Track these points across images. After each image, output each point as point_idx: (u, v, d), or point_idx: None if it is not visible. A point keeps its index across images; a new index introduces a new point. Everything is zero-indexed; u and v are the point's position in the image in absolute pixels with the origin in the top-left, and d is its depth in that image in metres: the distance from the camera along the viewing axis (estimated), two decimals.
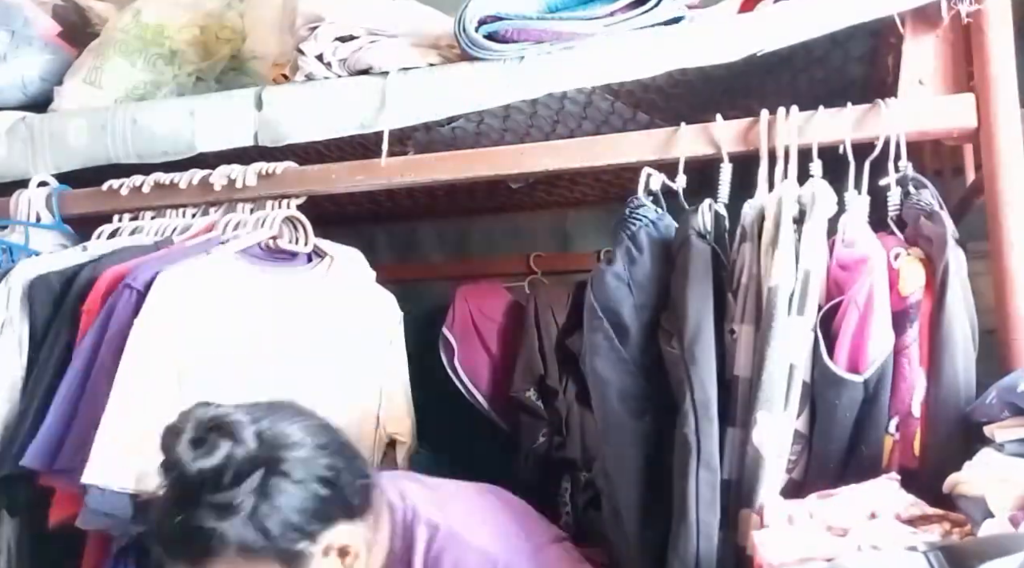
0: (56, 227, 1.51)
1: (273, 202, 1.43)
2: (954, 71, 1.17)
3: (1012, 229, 1.08)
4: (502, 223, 2.10)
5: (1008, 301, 1.07)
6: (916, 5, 1.15)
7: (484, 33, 1.28)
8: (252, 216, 1.42)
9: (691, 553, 1.02)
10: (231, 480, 0.96)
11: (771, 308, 1.04)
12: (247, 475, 0.97)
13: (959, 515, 0.90)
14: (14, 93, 1.66)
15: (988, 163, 1.11)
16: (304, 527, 1.00)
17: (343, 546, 1.03)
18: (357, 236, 2.18)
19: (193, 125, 1.45)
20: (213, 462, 0.96)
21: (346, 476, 1.04)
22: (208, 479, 0.96)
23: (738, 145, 1.20)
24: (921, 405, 1.02)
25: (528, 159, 1.31)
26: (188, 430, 0.97)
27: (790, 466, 1.05)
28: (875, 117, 1.15)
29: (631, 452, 1.12)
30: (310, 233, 1.46)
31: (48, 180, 1.53)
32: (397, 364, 1.53)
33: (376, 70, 1.38)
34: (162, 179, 1.46)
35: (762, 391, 1.02)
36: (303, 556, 1.00)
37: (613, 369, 1.13)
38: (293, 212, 1.42)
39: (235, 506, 0.96)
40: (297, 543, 0.99)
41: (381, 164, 1.35)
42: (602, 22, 1.26)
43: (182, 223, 1.45)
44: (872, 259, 1.04)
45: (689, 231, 1.12)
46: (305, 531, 1.00)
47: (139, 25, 1.64)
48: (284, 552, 0.99)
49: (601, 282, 1.16)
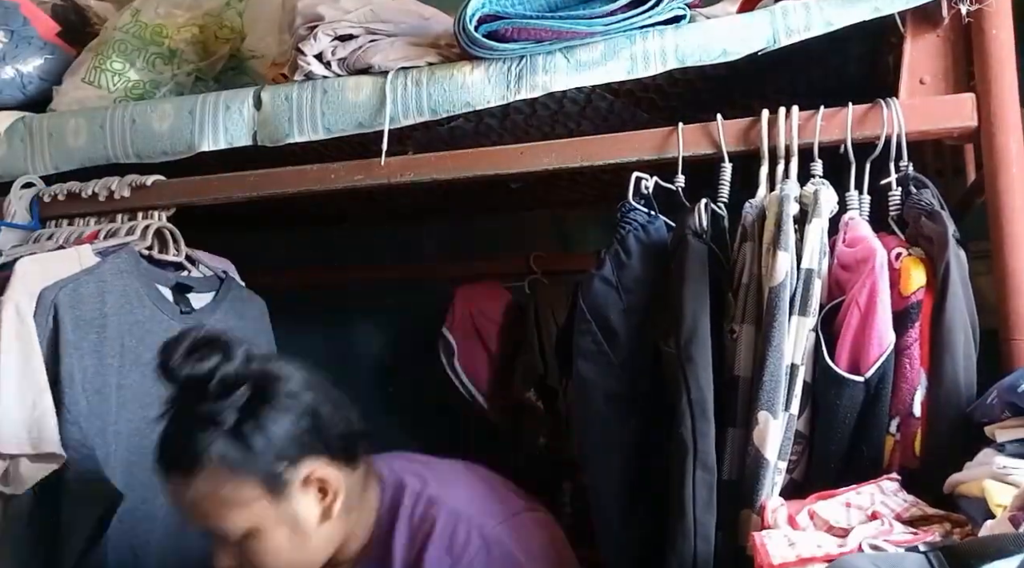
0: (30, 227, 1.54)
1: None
2: (954, 71, 1.17)
3: (1013, 229, 1.08)
4: (502, 223, 2.10)
5: (1009, 301, 1.07)
6: (916, 5, 1.15)
7: (484, 32, 1.28)
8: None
9: (689, 553, 1.02)
10: (217, 392, 1.02)
11: (772, 308, 1.04)
12: (233, 389, 1.02)
13: (960, 515, 0.90)
14: (13, 92, 1.65)
15: (989, 163, 1.11)
16: (284, 451, 1.04)
17: (323, 481, 1.06)
18: (357, 236, 2.20)
19: (192, 125, 1.45)
20: (201, 371, 1.02)
21: (332, 416, 1.09)
22: (195, 388, 1.02)
23: (738, 144, 1.20)
24: (922, 405, 1.02)
25: (528, 159, 1.30)
26: (185, 342, 1.03)
27: (791, 466, 1.05)
28: (876, 117, 1.15)
29: (615, 455, 1.12)
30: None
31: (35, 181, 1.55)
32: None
33: (376, 70, 1.38)
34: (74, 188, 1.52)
35: (763, 391, 1.02)
36: (283, 482, 1.04)
37: (600, 372, 1.14)
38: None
39: (219, 419, 1.02)
40: (277, 466, 1.03)
41: (381, 164, 1.35)
42: (602, 21, 1.26)
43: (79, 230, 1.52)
44: (874, 259, 1.04)
45: (685, 230, 1.12)
46: (285, 455, 1.04)
47: (138, 24, 1.64)
48: (264, 473, 1.03)
49: (589, 286, 1.16)
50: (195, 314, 1.53)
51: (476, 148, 1.36)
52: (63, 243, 1.49)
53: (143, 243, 1.49)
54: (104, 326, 1.39)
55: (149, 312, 1.46)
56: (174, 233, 1.54)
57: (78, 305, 1.35)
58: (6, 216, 1.52)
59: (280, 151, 1.42)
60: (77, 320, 1.35)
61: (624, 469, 1.11)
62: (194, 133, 1.44)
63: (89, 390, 1.35)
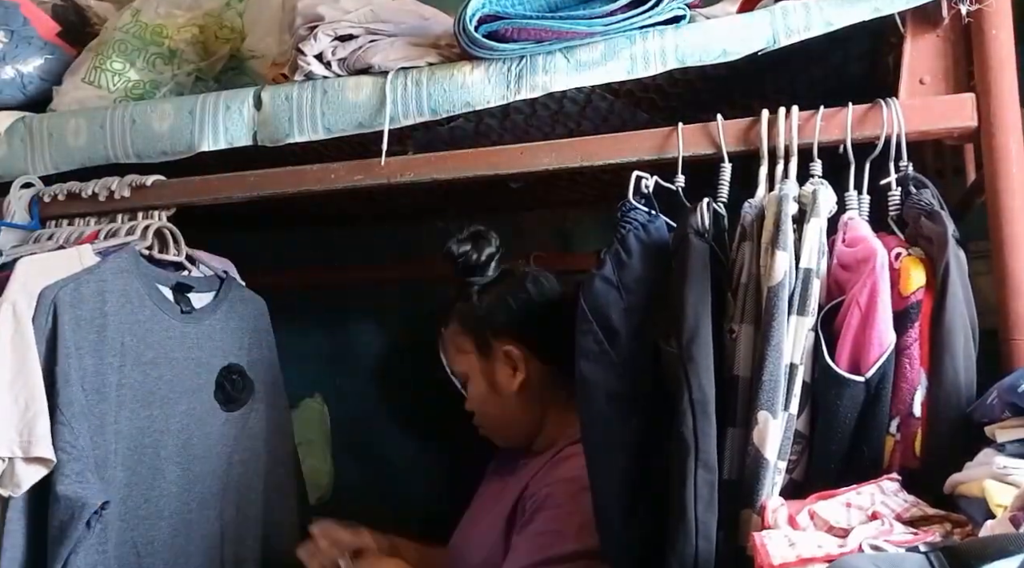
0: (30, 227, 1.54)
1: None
2: (954, 71, 1.17)
3: (1013, 229, 1.08)
4: (502, 223, 2.09)
5: (1009, 301, 1.07)
6: (916, 5, 1.15)
7: (484, 32, 1.28)
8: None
9: (690, 553, 1.02)
10: (477, 265, 1.43)
11: (771, 308, 1.04)
12: (484, 269, 1.44)
13: (960, 516, 0.90)
14: (13, 92, 1.65)
15: (988, 163, 1.11)
16: (495, 325, 1.41)
17: (516, 361, 1.40)
18: (357, 236, 2.19)
19: (192, 125, 1.45)
20: (465, 248, 1.43)
21: (547, 323, 1.40)
22: (461, 262, 1.43)
23: (738, 144, 1.20)
24: (922, 405, 1.02)
25: (528, 159, 1.31)
26: (463, 233, 1.44)
27: (791, 466, 1.05)
28: (876, 117, 1.15)
29: (616, 454, 1.12)
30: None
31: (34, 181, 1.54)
32: None
33: (376, 70, 1.38)
34: (74, 188, 1.52)
35: (762, 391, 1.01)
36: (488, 345, 1.41)
37: (601, 371, 1.13)
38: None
39: (467, 291, 1.43)
40: (487, 333, 1.41)
41: (381, 164, 1.35)
42: (602, 21, 1.26)
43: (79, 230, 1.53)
44: (875, 259, 1.03)
45: (687, 230, 1.12)
46: (495, 328, 1.41)
47: (138, 24, 1.64)
48: (478, 334, 1.41)
49: (590, 286, 1.16)
50: (195, 313, 1.54)
51: (476, 148, 1.36)
52: (63, 243, 1.49)
53: (143, 243, 1.49)
54: (104, 326, 1.39)
55: (150, 312, 1.46)
56: (174, 233, 1.54)
57: (78, 304, 1.36)
58: (6, 216, 1.52)
59: (280, 151, 1.42)
60: (77, 319, 1.35)
61: (625, 469, 1.11)
62: (194, 133, 1.44)
63: (88, 389, 1.35)
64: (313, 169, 1.42)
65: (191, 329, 1.52)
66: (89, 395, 1.35)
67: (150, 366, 1.45)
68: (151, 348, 1.46)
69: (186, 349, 1.51)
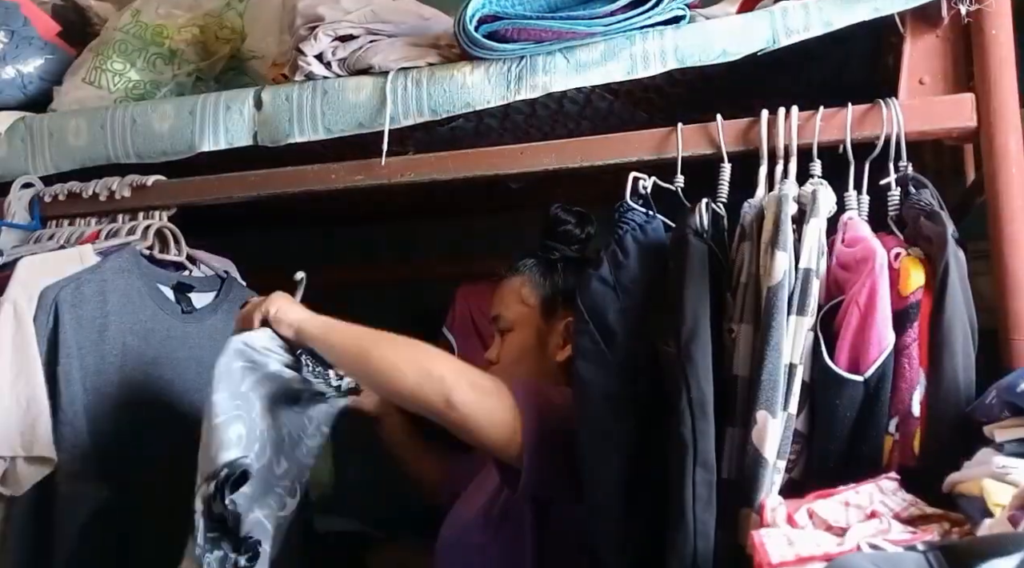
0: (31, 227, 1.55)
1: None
2: (954, 71, 1.17)
3: (1012, 229, 1.08)
4: (502, 223, 2.10)
5: (1008, 301, 1.07)
6: (916, 5, 1.15)
7: (484, 32, 1.28)
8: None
9: (688, 552, 1.02)
10: (573, 236, 1.43)
11: (771, 308, 1.04)
12: (576, 242, 1.43)
13: (958, 515, 0.90)
14: (13, 92, 1.66)
15: (988, 163, 1.11)
16: (567, 297, 1.34)
17: (570, 335, 1.33)
18: (357, 236, 2.20)
19: (193, 125, 1.45)
20: (570, 218, 1.42)
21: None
22: (561, 229, 1.43)
23: (738, 144, 1.20)
24: (921, 405, 1.02)
25: (528, 158, 1.31)
26: (570, 213, 1.43)
27: (790, 466, 1.05)
28: (875, 117, 1.15)
29: (614, 454, 1.12)
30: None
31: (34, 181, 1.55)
32: None
33: (376, 70, 1.38)
34: (75, 188, 1.52)
35: (762, 391, 1.02)
36: (555, 315, 1.39)
37: (598, 371, 1.14)
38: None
39: (548, 256, 1.43)
40: (556, 301, 1.39)
41: (381, 164, 1.35)
42: (602, 22, 1.26)
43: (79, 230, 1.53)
44: (874, 259, 1.04)
45: (686, 230, 1.12)
46: (566, 299, 1.36)
47: (139, 25, 1.64)
48: (547, 297, 1.40)
49: (587, 287, 1.16)
50: (197, 313, 1.54)
51: (476, 148, 1.36)
52: (64, 243, 1.50)
53: (144, 243, 1.49)
54: (106, 325, 1.39)
55: (151, 312, 1.47)
56: (175, 233, 1.55)
57: (80, 304, 1.36)
58: (6, 216, 1.52)
59: (280, 151, 1.43)
60: (79, 319, 1.35)
61: (623, 468, 1.11)
62: (195, 133, 1.45)
63: (90, 389, 1.35)
64: (313, 169, 1.42)
65: (192, 329, 1.52)
66: (90, 395, 1.35)
67: (151, 366, 1.45)
68: (152, 348, 1.46)
69: (187, 349, 1.51)
